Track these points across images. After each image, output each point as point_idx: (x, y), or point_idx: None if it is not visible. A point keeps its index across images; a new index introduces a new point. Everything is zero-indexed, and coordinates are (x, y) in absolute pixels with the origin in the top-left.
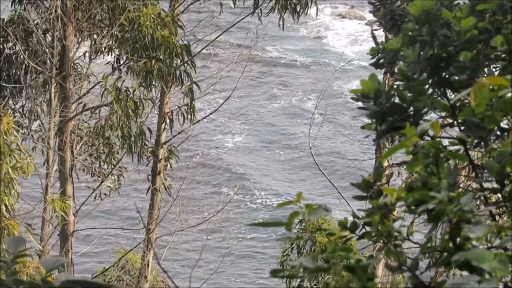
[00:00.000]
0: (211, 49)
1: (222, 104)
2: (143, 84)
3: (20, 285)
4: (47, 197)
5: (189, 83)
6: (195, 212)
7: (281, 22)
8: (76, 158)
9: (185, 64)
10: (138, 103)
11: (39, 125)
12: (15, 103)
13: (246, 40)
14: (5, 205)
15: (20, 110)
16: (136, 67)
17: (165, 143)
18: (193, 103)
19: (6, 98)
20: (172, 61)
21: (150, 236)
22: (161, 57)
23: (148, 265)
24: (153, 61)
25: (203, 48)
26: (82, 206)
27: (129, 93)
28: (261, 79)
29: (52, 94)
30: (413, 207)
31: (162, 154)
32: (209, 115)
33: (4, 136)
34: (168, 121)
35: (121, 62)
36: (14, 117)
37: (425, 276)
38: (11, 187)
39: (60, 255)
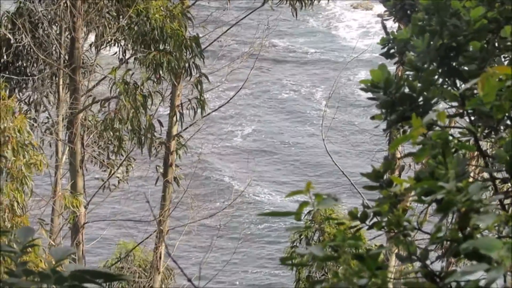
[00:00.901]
0: (222, 41)
1: (233, 96)
2: (152, 77)
3: (29, 275)
4: (57, 190)
5: (198, 75)
6: (205, 206)
7: (292, 12)
8: (86, 150)
9: (195, 56)
10: (147, 96)
11: (47, 117)
12: (21, 94)
13: (258, 31)
14: (17, 202)
15: (26, 100)
16: (145, 60)
17: (176, 135)
18: (203, 95)
19: (13, 90)
20: (182, 53)
21: (162, 228)
22: (170, 49)
23: (160, 257)
24: (162, 53)
25: (214, 41)
26: (93, 198)
27: (137, 86)
28: (270, 71)
29: (60, 86)
30: (422, 197)
31: (174, 147)
32: (220, 107)
33: (18, 133)
34: (181, 113)
35: (128, 54)
36: (20, 108)
37: (436, 266)
38: (24, 184)
39: (71, 247)
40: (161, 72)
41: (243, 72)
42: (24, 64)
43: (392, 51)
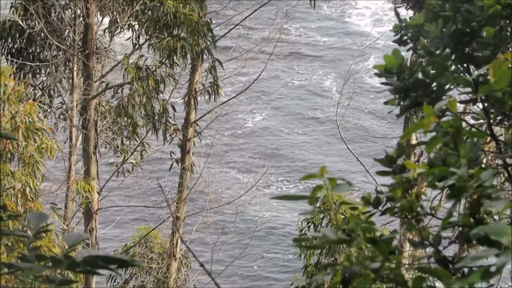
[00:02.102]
0: (240, 28)
1: (252, 83)
2: (166, 62)
3: (42, 260)
4: (71, 176)
5: (211, 61)
6: (222, 192)
7: (310, 3)
8: (100, 136)
9: (207, 42)
10: (159, 81)
11: (61, 103)
12: (35, 80)
13: (277, 17)
14: (30, 187)
15: (40, 86)
16: (159, 45)
17: (194, 121)
18: (217, 81)
19: (27, 75)
20: (195, 39)
21: (179, 214)
22: (183, 35)
23: (176, 244)
24: (175, 39)
25: (232, 28)
26: (106, 183)
27: (149, 71)
28: (283, 58)
29: (74, 72)
30: (436, 183)
31: (192, 133)
32: (238, 94)
33: (28, 118)
34: (195, 99)
35: (142, 39)
36: (35, 94)
37: (449, 252)
38: (35, 169)
39: (84, 233)
40: (174, 58)
41: (254, 61)
42: (38, 50)
43: (405, 37)
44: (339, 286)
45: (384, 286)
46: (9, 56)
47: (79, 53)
